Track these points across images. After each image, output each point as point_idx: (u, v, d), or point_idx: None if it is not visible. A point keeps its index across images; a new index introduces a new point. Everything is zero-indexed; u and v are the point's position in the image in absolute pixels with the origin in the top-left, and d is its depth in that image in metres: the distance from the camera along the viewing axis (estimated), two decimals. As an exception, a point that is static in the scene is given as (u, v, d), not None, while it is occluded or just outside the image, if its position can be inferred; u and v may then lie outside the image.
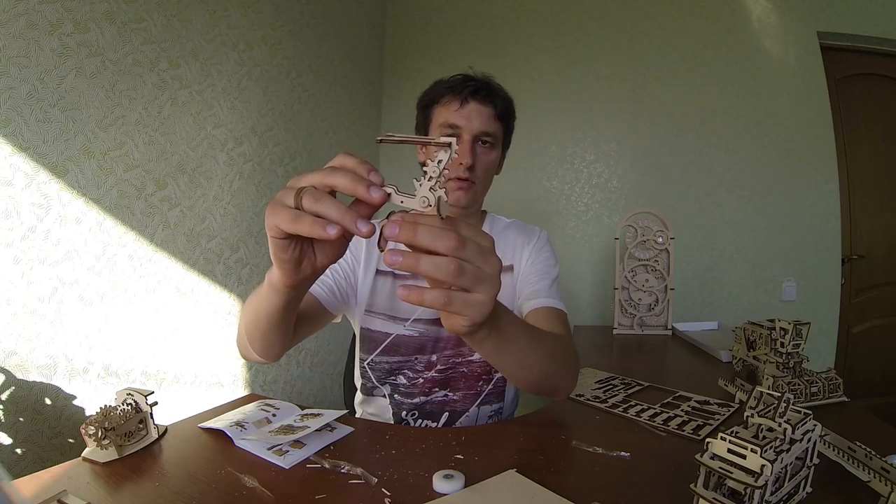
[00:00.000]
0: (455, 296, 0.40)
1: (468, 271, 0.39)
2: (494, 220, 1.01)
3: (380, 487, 0.55)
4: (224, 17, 1.48)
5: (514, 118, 0.94)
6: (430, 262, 0.38)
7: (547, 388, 0.70)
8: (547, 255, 0.95)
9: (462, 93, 0.85)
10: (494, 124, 0.87)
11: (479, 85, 0.87)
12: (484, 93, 0.86)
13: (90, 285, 1.11)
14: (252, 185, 1.62)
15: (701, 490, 0.45)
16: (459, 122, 0.85)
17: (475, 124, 0.85)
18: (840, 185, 2.11)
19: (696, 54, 2.17)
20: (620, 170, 2.26)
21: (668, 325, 1.61)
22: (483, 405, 0.90)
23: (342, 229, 0.37)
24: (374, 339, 0.91)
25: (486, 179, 0.90)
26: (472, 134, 0.85)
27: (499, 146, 0.91)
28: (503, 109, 0.88)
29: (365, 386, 0.94)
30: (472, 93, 0.85)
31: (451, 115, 0.86)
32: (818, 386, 0.85)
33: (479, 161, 0.87)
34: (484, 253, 0.41)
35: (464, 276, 0.39)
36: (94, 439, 0.62)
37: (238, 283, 1.56)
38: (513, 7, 2.34)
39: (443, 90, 0.88)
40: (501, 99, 0.89)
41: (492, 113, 0.86)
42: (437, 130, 0.88)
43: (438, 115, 0.89)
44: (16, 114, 0.96)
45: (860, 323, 2.20)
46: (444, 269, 0.38)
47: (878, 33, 2.07)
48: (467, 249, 0.39)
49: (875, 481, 0.54)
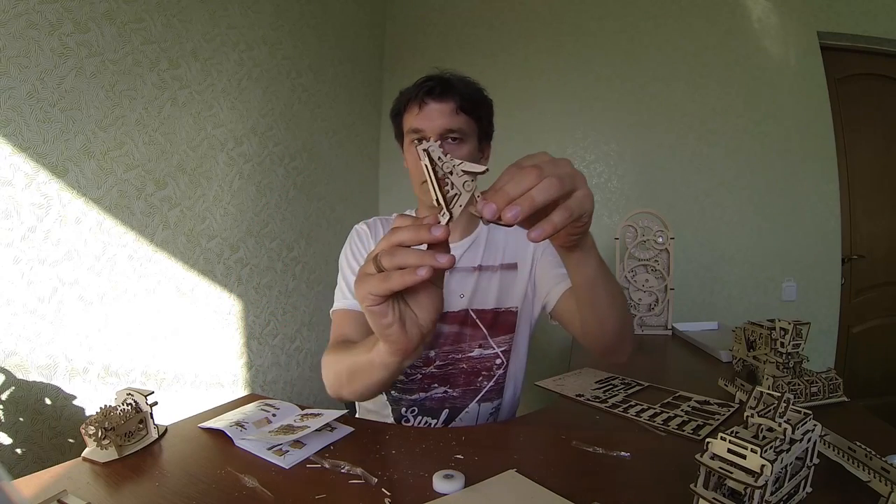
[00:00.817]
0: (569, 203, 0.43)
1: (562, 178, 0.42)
2: None
3: (380, 487, 0.55)
4: (224, 17, 1.48)
5: (484, 106, 0.91)
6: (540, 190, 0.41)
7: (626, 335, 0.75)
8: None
9: (419, 96, 0.85)
10: (457, 119, 0.85)
11: (433, 84, 0.86)
12: (439, 90, 0.85)
13: (90, 285, 1.11)
14: (252, 185, 1.62)
15: (701, 490, 0.45)
16: (421, 125, 0.85)
17: (436, 124, 0.84)
18: (840, 185, 2.11)
19: (696, 54, 2.17)
20: (620, 170, 2.26)
21: (668, 325, 1.61)
22: (483, 402, 0.91)
23: (429, 268, 0.40)
24: None
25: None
26: (435, 134, 0.84)
27: (470, 139, 0.88)
28: (465, 101, 0.86)
29: None
30: (426, 93, 0.85)
31: (414, 121, 0.86)
32: (818, 386, 0.85)
33: None
34: (555, 163, 0.44)
35: (564, 182, 0.42)
36: (94, 439, 0.62)
37: (238, 283, 1.56)
38: (513, 7, 2.34)
39: (405, 98, 0.89)
40: (461, 91, 0.86)
41: (452, 108, 0.85)
42: (407, 137, 0.89)
43: (405, 122, 0.89)
44: (16, 114, 0.96)
45: (860, 323, 2.20)
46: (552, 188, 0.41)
47: (878, 33, 2.06)
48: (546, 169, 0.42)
49: (875, 481, 0.53)
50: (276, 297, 1.74)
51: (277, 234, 1.74)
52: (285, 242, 1.78)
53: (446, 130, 0.85)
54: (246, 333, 1.60)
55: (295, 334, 1.81)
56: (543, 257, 0.93)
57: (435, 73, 0.88)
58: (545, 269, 0.92)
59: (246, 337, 1.60)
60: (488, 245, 0.95)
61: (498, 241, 0.96)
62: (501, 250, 0.95)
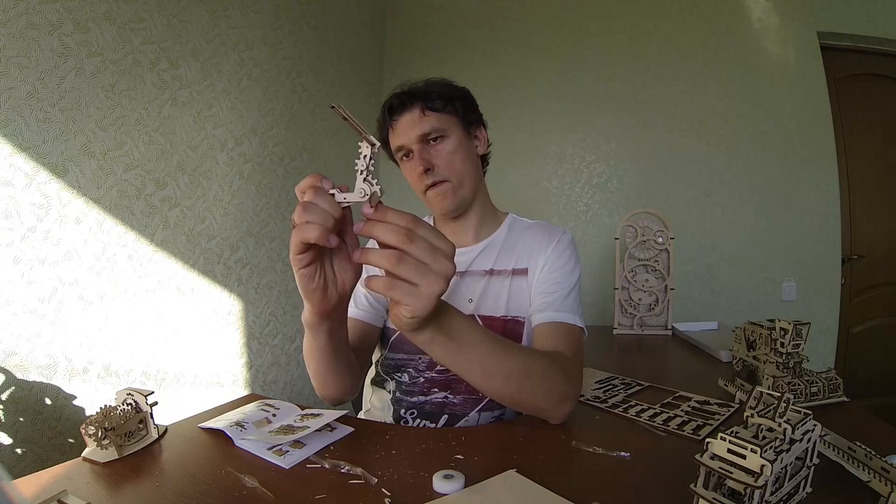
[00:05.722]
0: (398, 284, 0.46)
1: (410, 263, 0.45)
2: (515, 222, 0.98)
3: (380, 487, 0.55)
4: (224, 17, 1.48)
5: (455, 97, 0.88)
6: (377, 252, 0.46)
7: (526, 407, 0.70)
8: (565, 259, 0.89)
9: (386, 117, 0.87)
10: (427, 120, 0.84)
11: (392, 100, 0.86)
12: (397, 103, 0.85)
13: (90, 285, 1.11)
14: (252, 185, 1.62)
15: (701, 490, 0.45)
16: (400, 141, 0.86)
17: (411, 134, 0.84)
18: (840, 186, 2.11)
19: (696, 54, 2.17)
20: (620, 170, 2.26)
21: (668, 325, 1.61)
22: (484, 411, 0.87)
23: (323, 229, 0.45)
24: (386, 336, 0.94)
25: (455, 169, 0.86)
26: (414, 144, 0.85)
27: (452, 132, 0.86)
28: (429, 101, 0.85)
29: (375, 379, 0.96)
30: (390, 112, 0.86)
31: (393, 140, 0.88)
32: (818, 386, 0.85)
33: (437, 157, 0.85)
34: (434, 251, 0.46)
35: (404, 266, 0.45)
36: (94, 439, 0.62)
37: (238, 283, 1.56)
38: (513, 7, 2.33)
39: (380, 125, 0.91)
40: (421, 94, 0.85)
41: (417, 114, 0.84)
42: (396, 156, 0.90)
43: (391, 143, 0.89)
44: (16, 114, 0.96)
45: (860, 323, 2.20)
46: (386, 257, 0.45)
47: (878, 33, 2.07)
48: (415, 244, 0.45)
49: (875, 481, 0.53)
50: (276, 297, 1.74)
51: (277, 234, 1.74)
52: (285, 242, 1.78)
53: (421, 136, 0.85)
54: (246, 333, 1.60)
55: (295, 334, 1.81)
56: (543, 273, 0.89)
57: (396, 90, 0.89)
58: (540, 286, 0.88)
59: (246, 337, 1.60)
60: (504, 249, 0.92)
61: (514, 246, 0.92)
62: (516, 255, 0.92)
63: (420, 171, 0.84)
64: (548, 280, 0.87)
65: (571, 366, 0.74)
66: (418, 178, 0.85)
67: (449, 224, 0.94)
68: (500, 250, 0.92)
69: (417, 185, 0.88)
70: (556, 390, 0.69)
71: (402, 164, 0.90)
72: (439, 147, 0.86)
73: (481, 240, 0.94)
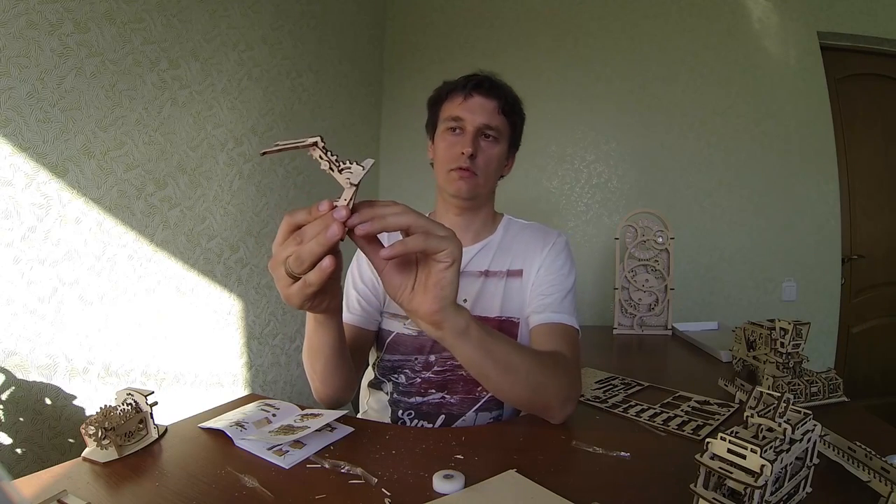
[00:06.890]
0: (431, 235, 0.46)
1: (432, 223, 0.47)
2: (510, 223, 0.99)
3: (380, 487, 0.55)
4: (224, 17, 1.48)
5: (520, 117, 0.94)
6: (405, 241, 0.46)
7: (538, 404, 0.70)
8: (561, 262, 0.90)
9: (466, 87, 0.88)
10: (497, 118, 0.88)
11: (482, 79, 0.88)
12: (487, 86, 0.87)
13: (90, 285, 1.11)
14: (252, 185, 1.62)
15: (701, 490, 0.45)
16: (463, 114, 0.87)
17: (478, 117, 0.86)
18: (840, 185, 2.11)
19: (696, 54, 2.17)
20: (620, 170, 2.26)
21: (668, 325, 1.61)
22: (481, 411, 0.88)
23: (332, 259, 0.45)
24: (382, 338, 0.93)
25: (488, 172, 0.89)
26: (474, 126, 0.86)
27: (503, 142, 0.90)
28: (507, 104, 0.89)
29: (372, 382, 0.97)
30: (474, 86, 0.87)
31: (455, 109, 0.88)
32: (818, 386, 0.85)
33: (482, 153, 0.87)
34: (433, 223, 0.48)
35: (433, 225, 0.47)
36: (94, 439, 0.62)
37: (238, 283, 1.56)
38: (513, 7, 2.34)
39: (449, 87, 0.91)
40: (506, 94, 0.89)
41: (495, 107, 0.87)
42: (444, 125, 0.90)
43: (444, 110, 0.90)
44: (16, 114, 0.96)
45: (860, 323, 2.20)
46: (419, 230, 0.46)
47: (878, 33, 2.07)
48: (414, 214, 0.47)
49: (875, 481, 0.54)
50: (276, 297, 1.74)
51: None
52: (285, 242, 1.78)
53: (485, 126, 0.86)
54: (246, 333, 1.60)
55: (295, 334, 1.81)
56: (539, 275, 0.89)
57: (485, 72, 0.91)
58: (537, 288, 0.88)
59: (246, 337, 1.60)
60: (499, 250, 0.93)
61: (509, 247, 0.93)
62: (511, 257, 0.92)
63: (466, 152, 0.85)
64: (545, 282, 0.88)
65: (573, 366, 0.75)
66: (457, 155, 0.86)
67: (452, 220, 0.94)
68: (496, 252, 0.93)
69: (448, 159, 0.88)
70: (564, 389, 0.70)
71: (443, 132, 0.90)
72: (488, 146, 0.88)
73: (477, 241, 0.95)
